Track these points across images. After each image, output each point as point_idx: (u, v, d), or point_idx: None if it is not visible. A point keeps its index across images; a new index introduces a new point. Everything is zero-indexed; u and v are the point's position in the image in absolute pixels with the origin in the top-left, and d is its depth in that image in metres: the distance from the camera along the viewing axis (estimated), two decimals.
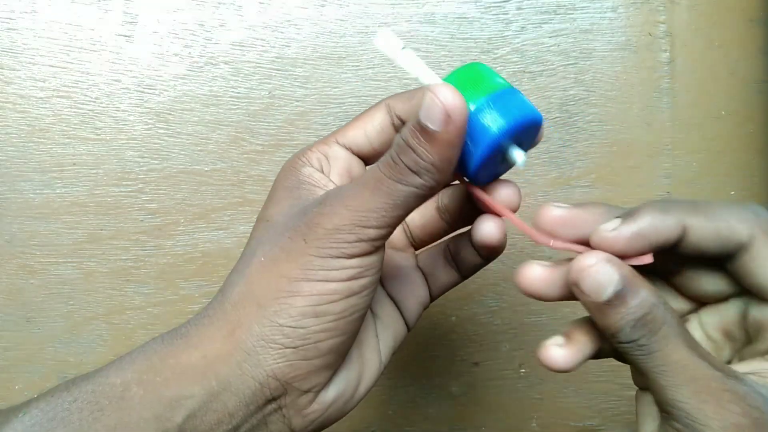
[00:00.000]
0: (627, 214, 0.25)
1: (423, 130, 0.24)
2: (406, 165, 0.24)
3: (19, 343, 0.43)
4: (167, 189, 0.43)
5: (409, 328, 0.32)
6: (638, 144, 0.45)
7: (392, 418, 0.44)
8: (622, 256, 0.25)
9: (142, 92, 0.43)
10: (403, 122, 0.29)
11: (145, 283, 0.43)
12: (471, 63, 0.27)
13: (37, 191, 0.43)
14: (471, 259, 0.31)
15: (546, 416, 0.45)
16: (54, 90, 0.43)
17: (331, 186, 0.28)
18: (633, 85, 0.45)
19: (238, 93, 0.44)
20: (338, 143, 0.29)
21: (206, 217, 0.44)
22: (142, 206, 0.43)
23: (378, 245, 0.26)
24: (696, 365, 0.23)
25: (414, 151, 0.24)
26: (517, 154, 0.26)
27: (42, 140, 0.43)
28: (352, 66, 0.44)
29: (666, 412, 0.24)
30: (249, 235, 0.26)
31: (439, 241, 0.33)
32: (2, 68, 0.43)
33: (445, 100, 0.23)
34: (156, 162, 0.43)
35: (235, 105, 0.44)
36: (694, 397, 0.23)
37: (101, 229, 0.43)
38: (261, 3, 0.44)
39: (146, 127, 0.43)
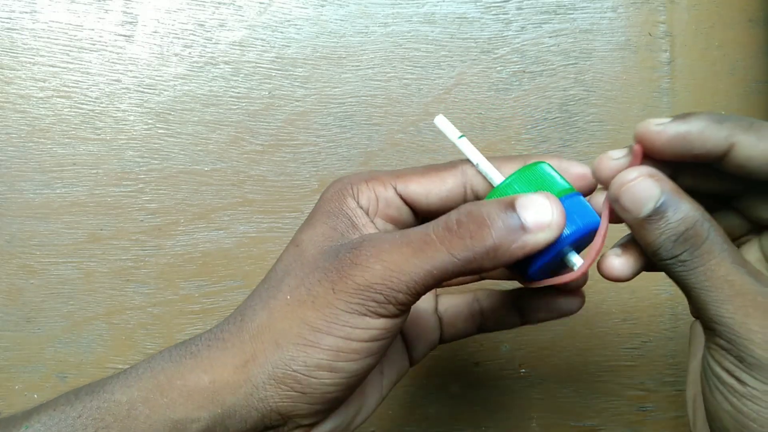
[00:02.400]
0: (680, 116, 0.24)
1: (513, 215, 0.24)
2: (470, 235, 0.23)
3: (19, 343, 0.43)
4: (167, 189, 0.43)
5: (412, 365, 0.32)
6: None
7: (392, 418, 0.44)
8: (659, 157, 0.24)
9: (142, 92, 0.43)
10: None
11: (145, 283, 0.43)
12: (535, 163, 0.27)
13: (37, 191, 0.43)
14: (508, 322, 0.31)
15: (546, 416, 0.45)
16: (54, 90, 0.43)
17: (371, 229, 0.27)
18: (633, 85, 0.45)
19: (238, 93, 0.44)
20: (396, 190, 0.28)
21: (206, 217, 0.44)
22: (142, 206, 0.43)
23: (405, 309, 0.25)
24: (742, 280, 0.22)
25: (491, 227, 0.23)
26: (576, 260, 0.26)
27: (42, 140, 0.43)
28: (352, 66, 0.44)
29: (710, 329, 0.23)
30: (249, 235, 0.26)
31: (463, 290, 0.32)
32: (2, 68, 0.43)
33: (555, 210, 0.24)
34: (156, 162, 0.43)
35: (235, 105, 0.44)
36: (738, 312, 0.22)
37: (101, 229, 0.43)
38: (261, 3, 0.44)
39: (146, 127, 0.43)
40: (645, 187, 0.23)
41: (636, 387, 0.45)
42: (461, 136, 0.27)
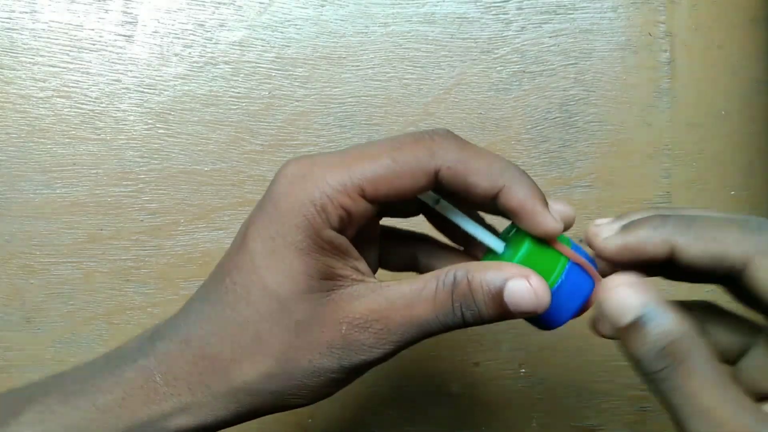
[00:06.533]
0: (628, 224, 0.25)
1: (499, 300, 0.24)
2: (462, 305, 0.24)
3: (19, 343, 0.43)
4: (167, 189, 0.43)
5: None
6: (638, 144, 0.45)
7: (392, 419, 0.44)
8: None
9: (142, 92, 0.43)
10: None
11: (145, 283, 0.43)
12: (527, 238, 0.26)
13: (37, 191, 0.43)
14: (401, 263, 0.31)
15: (546, 416, 0.45)
16: (54, 90, 0.43)
17: (370, 279, 0.26)
18: (633, 85, 0.45)
19: (238, 93, 0.44)
20: (365, 198, 0.24)
21: (206, 217, 0.44)
22: (142, 206, 0.43)
23: None
24: (720, 408, 0.21)
25: (481, 307, 0.24)
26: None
27: (42, 140, 0.43)
28: (352, 66, 0.44)
29: None
30: None
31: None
32: (2, 68, 0.43)
33: (542, 299, 0.24)
34: (156, 162, 0.43)
35: (235, 105, 0.44)
36: None
37: (101, 229, 0.43)
38: (261, 3, 0.44)
39: (146, 127, 0.43)
40: (626, 296, 0.22)
41: (636, 387, 0.45)
42: (437, 201, 0.26)
